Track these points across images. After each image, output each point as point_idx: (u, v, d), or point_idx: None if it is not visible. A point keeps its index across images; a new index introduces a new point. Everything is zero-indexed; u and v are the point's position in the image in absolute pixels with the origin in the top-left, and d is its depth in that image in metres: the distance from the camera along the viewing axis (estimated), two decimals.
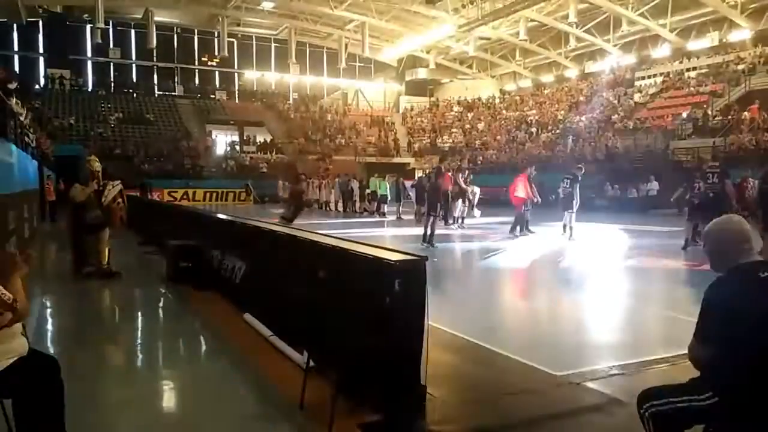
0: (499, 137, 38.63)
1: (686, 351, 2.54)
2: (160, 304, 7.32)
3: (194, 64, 46.85)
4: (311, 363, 3.98)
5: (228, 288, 6.87)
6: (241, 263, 6.76)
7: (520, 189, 13.86)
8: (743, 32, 31.95)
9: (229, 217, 8.55)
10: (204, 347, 5.61)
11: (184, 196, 30.79)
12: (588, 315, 6.89)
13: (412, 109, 47.36)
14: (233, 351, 4.99)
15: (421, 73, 49.13)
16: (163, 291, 7.71)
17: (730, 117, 25.54)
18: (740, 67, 29.43)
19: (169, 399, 4.21)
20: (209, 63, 47.08)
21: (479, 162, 34.67)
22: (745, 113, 24.98)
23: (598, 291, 8.04)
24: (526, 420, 3.61)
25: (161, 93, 44.61)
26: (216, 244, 7.84)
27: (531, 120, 38.71)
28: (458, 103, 46.70)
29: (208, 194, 32.16)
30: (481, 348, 5.02)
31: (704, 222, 10.61)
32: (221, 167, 35.51)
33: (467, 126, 42.85)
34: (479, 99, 46.44)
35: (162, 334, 6.08)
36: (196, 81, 46.75)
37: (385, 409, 3.59)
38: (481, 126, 42.37)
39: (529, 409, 3.78)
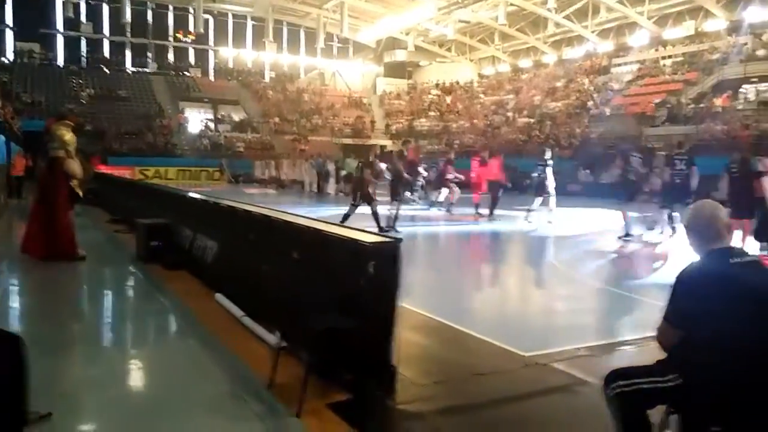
0: (476, 121, 38.72)
1: (652, 333, 2.58)
2: (130, 284, 7.21)
3: (168, 41, 45.89)
4: (283, 343, 3.97)
5: (199, 268, 6.79)
6: (213, 243, 6.69)
7: (494, 171, 13.96)
8: (718, 22, 32.36)
9: (202, 196, 8.44)
10: (174, 327, 5.56)
11: (156, 175, 30.32)
12: (557, 297, 6.99)
13: (390, 93, 47.10)
14: (204, 331, 4.94)
15: (400, 55, 48.86)
16: (133, 270, 7.59)
17: (702, 105, 25.96)
18: (714, 56, 29.85)
19: (137, 378, 4.17)
20: (184, 39, 46.18)
21: (455, 146, 34.71)
22: (717, 101, 25.42)
23: (567, 273, 8.14)
24: (495, 400, 3.66)
25: (134, 69, 43.70)
26: (188, 224, 7.74)
27: (508, 104, 38.85)
28: (436, 86, 46.59)
29: (180, 173, 31.73)
30: (451, 329, 5.06)
31: (672, 208, 10.86)
32: (195, 146, 35.01)
33: (445, 110, 42.83)
34: (457, 82, 46.40)
35: (131, 313, 5.99)
36: (170, 57, 45.85)
37: (355, 388, 3.60)
38: (458, 109, 42.41)
39: (497, 389, 3.83)
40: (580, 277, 8.01)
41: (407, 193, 15.95)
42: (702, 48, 31.65)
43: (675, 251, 9.79)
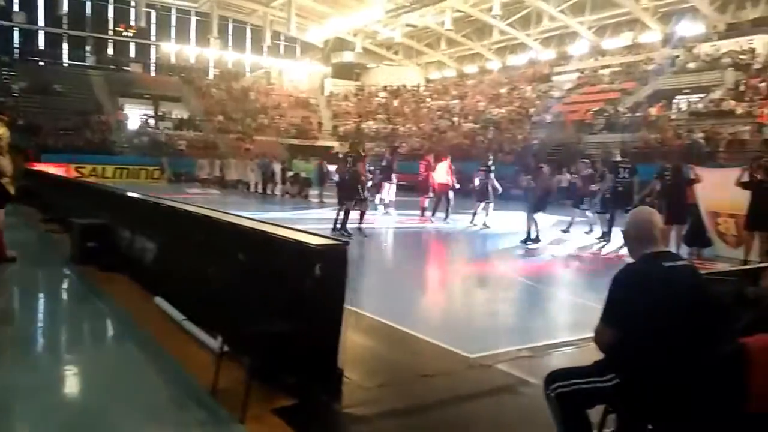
0: (423, 125, 39.08)
1: (590, 335, 2.65)
2: (64, 286, 6.91)
3: (108, 34, 44.27)
4: (225, 348, 3.89)
5: (138, 270, 6.57)
6: (153, 244, 6.49)
7: (443, 174, 14.10)
8: (654, 34, 33.80)
9: (141, 196, 8.17)
10: (111, 331, 5.36)
11: (93, 173, 29.18)
12: (500, 299, 7.13)
13: (337, 94, 46.96)
14: (142, 336, 4.78)
15: (348, 56, 48.82)
16: (67, 272, 7.28)
17: (638, 114, 27.03)
18: (649, 67, 31.12)
19: (72, 385, 4.00)
20: (124, 33, 44.63)
21: (403, 147, 34.92)
22: (651, 110, 26.54)
23: (510, 276, 8.31)
24: (440, 401, 3.69)
25: (71, 63, 41.94)
26: (126, 224, 7.49)
27: (454, 110, 39.40)
28: (384, 89, 46.78)
29: (119, 171, 30.60)
30: (397, 331, 5.08)
31: (614, 214, 11.31)
32: (134, 143, 33.91)
33: (392, 113, 43.01)
34: (404, 86, 46.74)
35: (65, 317, 5.73)
36: (110, 51, 44.24)
37: (300, 393, 3.56)
38: (406, 113, 42.70)
39: (442, 391, 3.86)
40: (522, 279, 8.19)
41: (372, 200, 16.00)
42: (638, 59, 32.97)
43: (611, 255, 10.16)
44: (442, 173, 14.28)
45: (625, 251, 2.77)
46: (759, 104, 22.50)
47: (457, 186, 14.45)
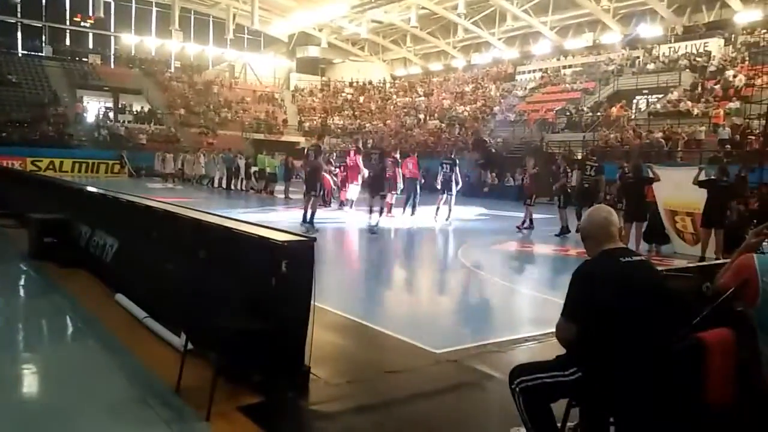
0: (389, 122, 39.12)
1: (552, 329, 2.70)
2: (20, 283, 6.70)
3: (65, 24, 42.95)
4: (190, 345, 3.83)
5: (98, 266, 6.43)
6: (113, 240, 6.35)
7: (411, 169, 14.16)
8: (614, 35, 34.52)
9: (101, 191, 7.99)
10: (71, 329, 5.23)
11: (50, 167, 28.35)
12: (465, 295, 7.21)
13: (303, 89, 46.57)
14: (103, 333, 4.68)
15: (313, 51, 48.43)
16: (24, 268, 7.06)
17: (599, 114, 27.61)
18: (610, 68, 31.79)
19: (31, 384, 3.89)
20: (82, 23, 43.37)
21: (369, 145, 34.91)
22: (612, 110, 27.14)
23: (474, 273, 8.39)
24: (407, 397, 3.71)
25: (26, 53, 40.56)
26: (85, 219, 7.31)
27: (419, 107, 39.55)
28: (350, 85, 46.63)
29: (77, 165, 29.78)
30: (364, 327, 5.10)
31: (581, 210, 11.57)
32: (93, 136, 33.02)
33: (358, 111, 42.90)
34: (370, 82, 46.68)
35: (22, 315, 5.56)
36: (67, 42, 42.94)
37: (267, 390, 3.54)
38: (372, 109, 42.67)
39: (409, 387, 3.88)
40: (486, 275, 8.29)
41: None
42: (599, 59, 33.64)
43: (573, 252, 10.36)
44: (409, 168, 14.35)
45: (582, 247, 2.82)
46: (714, 105, 23.22)
47: (422, 180, 14.55)
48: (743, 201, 9.76)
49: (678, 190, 9.85)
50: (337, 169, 17.80)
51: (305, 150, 12.67)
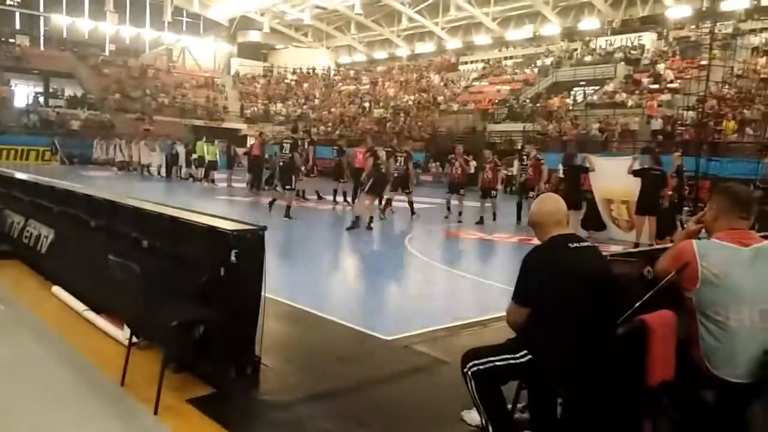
0: (333, 110, 38.85)
1: (498, 314, 2.78)
2: None
3: None
4: (135, 338, 3.73)
5: (33, 257, 6.15)
6: (49, 230, 6.08)
7: (361, 159, 14.09)
8: (554, 27, 35.37)
9: (34, 179, 7.61)
10: (5, 324, 4.97)
11: None
12: (413, 283, 7.29)
13: (245, 75, 45.57)
14: (40, 327, 4.48)
15: (254, 36, 47.41)
16: None
17: (538, 105, 28.29)
18: (549, 60, 32.57)
19: None
20: (8, 2, 40.98)
21: (314, 134, 34.59)
22: (551, 101, 27.85)
23: (421, 261, 8.48)
24: (359, 383, 3.73)
25: None
26: (16, 208, 6.95)
27: (364, 96, 39.43)
28: (293, 72, 45.97)
29: (5, 152, 28.20)
30: (314, 316, 5.08)
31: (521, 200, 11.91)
32: (22, 122, 31.36)
33: (302, 99, 42.34)
34: (314, 69, 46.18)
35: None
36: None
37: (217, 382, 3.49)
38: (316, 98, 42.24)
39: (361, 373, 3.91)
40: (434, 263, 8.40)
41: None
42: (539, 51, 34.42)
43: (515, 239, 10.62)
44: (358, 158, 14.30)
45: (527, 235, 2.90)
46: (648, 97, 24.18)
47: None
48: (676, 189, 10.24)
49: (613, 179, 10.23)
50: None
51: (281, 144, 12.49)
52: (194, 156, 22.43)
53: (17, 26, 41.43)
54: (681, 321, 2.43)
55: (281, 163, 12.04)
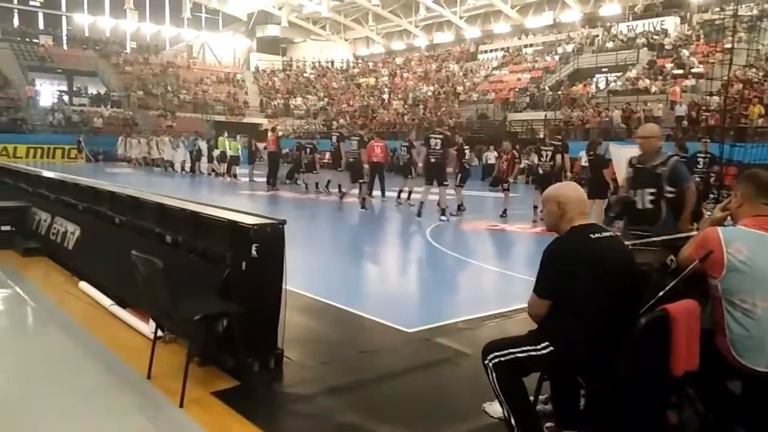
0: (352, 102, 38.85)
1: (519, 306, 2.75)
2: None
3: (12, 3, 41.18)
4: (160, 332, 3.79)
5: (60, 254, 6.27)
6: (75, 227, 6.19)
7: (379, 153, 14.05)
8: (574, 13, 34.87)
9: (60, 176, 7.74)
10: (34, 319, 5.10)
11: (3, 152, 27.34)
12: (434, 274, 7.27)
13: (264, 70, 45.74)
14: (68, 322, 4.58)
15: (273, 30, 47.54)
16: None
17: (560, 93, 27.94)
18: (570, 47, 32.14)
19: None
20: (31, 2, 41.65)
21: (334, 127, 34.66)
22: (572, 88, 27.48)
23: (442, 252, 8.46)
24: (380, 376, 3.74)
25: None
26: (43, 206, 7.10)
27: (383, 87, 39.35)
28: (313, 67, 46.00)
29: (32, 150, 28.76)
30: (336, 309, 5.10)
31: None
32: (47, 121, 31.93)
33: (321, 93, 42.39)
34: (332, 62, 46.19)
35: None
36: (16, 22, 41.21)
37: (241, 375, 3.53)
38: (335, 90, 42.26)
39: (382, 366, 3.92)
40: (455, 254, 8.37)
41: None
42: (560, 38, 33.97)
43: (535, 230, 10.54)
44: (376, 151, 14.24)
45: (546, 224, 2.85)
46: (671, 83, 23.74)
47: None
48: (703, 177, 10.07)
49: None
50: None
51: (335, 137, 13.06)
52: (216, 151, 22.64)
53: (41, 26, 42.10)
54: (706, 310, 2.39)
55: (351, 159, 13.10)
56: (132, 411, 3.16)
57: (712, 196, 11.33)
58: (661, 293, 2.38)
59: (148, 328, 4.16)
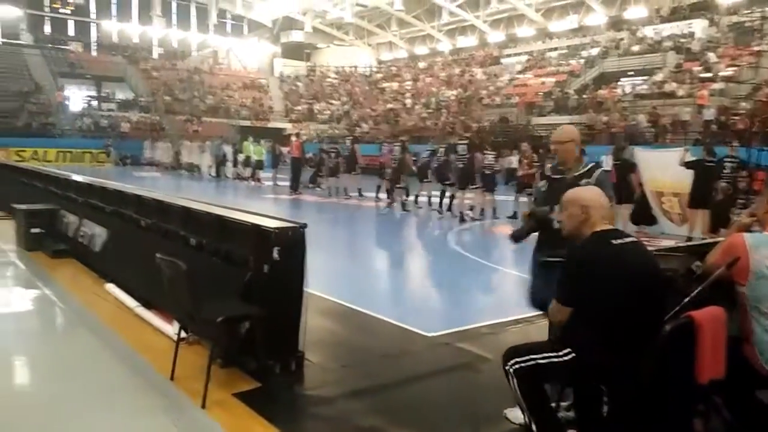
0: (375, 107, 38.93)
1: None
2: (9, 274, 6.64)
3: (44, 10, 42.20)
4: (183, 334, 3.84)
5: (88, 256, 6.39)
6: (102, 230, 6.30)
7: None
8: (599, 17, 34.53)
9: (87, 180, 7.90)
10: (63, 319, 5.20)
11: (34, 156, 27.96)
12: (456, 278, 7.24)
13: (288, 76, 46.10)
14: (95, 323, 4.67)
15: (297, 36, 47.94)
16: (13, 260, 7.00)
17: (585, 96, 27.65)
18: (595, 50, 31.81)
19: (25, 375, 3.88)
20: (62, 10, 42.61)
21: (358, 131, 34.74)
22: (598, 92, 27.17)
23: (464, 257, 8.43)
24: (401, 380, 3.74)
25: (5, 41, 39.81)
26: (72, 209, 7.24)
27: (406, 92, 39.36)
28: (336, 72, 46.24)
29: (62, 154, 29.37)
30: (358, 313, 5.11)
31: None
32: (77, 125, 32.59)
33: (344, 97, 42.56)
34: (356, 68, 46.37)
35: (13, 306, 5.52)
36: (47, 29, 42.19)
37: (262, 377, 3.56)
38: (358, 95, 42.40)
39: (403, 370, 3.92)
40: (477, 258, 8.32)
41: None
42: (584, 41, 33.63)
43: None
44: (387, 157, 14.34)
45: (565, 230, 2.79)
46: (698, 87, 23.34)
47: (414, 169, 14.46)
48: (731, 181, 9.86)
49: (664, 171, 9.93)
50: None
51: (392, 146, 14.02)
52: (241, 156, 22.86)
53: (71, 33, 43.04)
54: (733, 317, 2.34)
55: (394, 164, 13.53)
56: (157, 412, 3.21)
57: (739, 201, 11.11)
58: (686, 300, 2.33)
59: (172, 329, 4.21)
